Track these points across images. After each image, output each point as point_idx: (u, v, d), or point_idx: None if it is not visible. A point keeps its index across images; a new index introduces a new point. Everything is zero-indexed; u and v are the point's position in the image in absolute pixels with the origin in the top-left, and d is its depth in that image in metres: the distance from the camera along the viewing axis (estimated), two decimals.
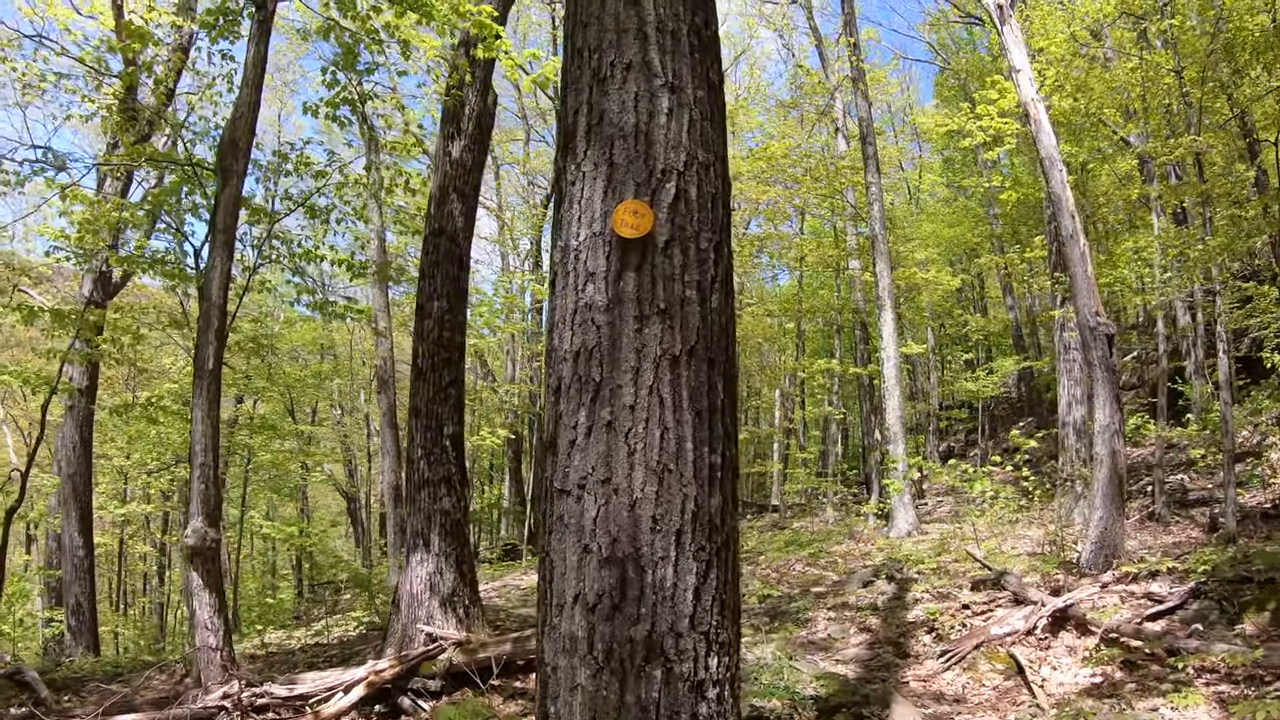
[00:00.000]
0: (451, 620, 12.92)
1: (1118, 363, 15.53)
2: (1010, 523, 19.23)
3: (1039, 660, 11.26)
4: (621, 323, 4.33)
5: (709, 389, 4.37)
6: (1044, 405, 31.39)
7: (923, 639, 13.02)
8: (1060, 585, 13.53)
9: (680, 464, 4.22)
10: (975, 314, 37.42)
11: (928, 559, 16.82)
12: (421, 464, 13.32)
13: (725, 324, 4.53)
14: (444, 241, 13.90)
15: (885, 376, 23.14)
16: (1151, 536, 16.65)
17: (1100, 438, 14.68)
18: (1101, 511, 14.30)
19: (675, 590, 4.15)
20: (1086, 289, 15.10)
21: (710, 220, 4.54)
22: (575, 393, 4.38)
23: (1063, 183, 15.69)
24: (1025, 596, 12.84)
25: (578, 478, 4.29)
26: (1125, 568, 13.16)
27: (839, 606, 15.39)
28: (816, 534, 24.42)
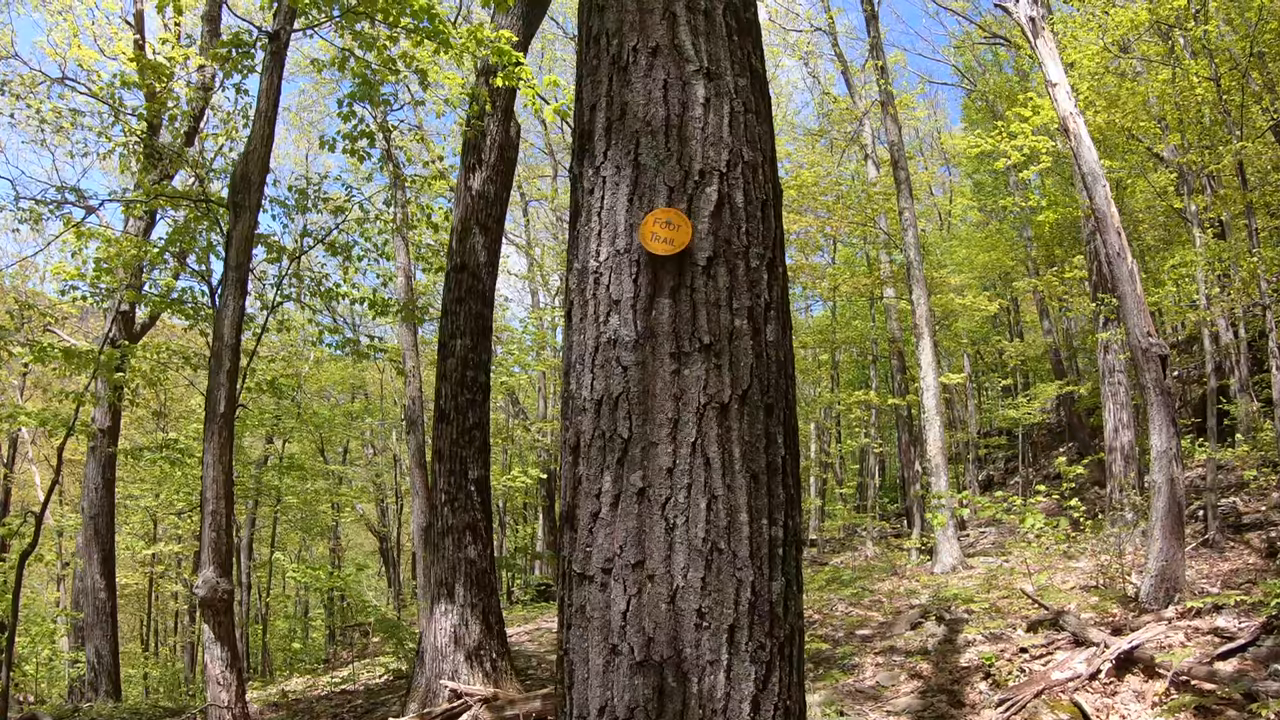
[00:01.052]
0: (478, 674, 12.26)
1: (1173, 385, 14.72)
2: (1059, 554, 18.39)
3: (1106, 708, 10.47)
4: (655, 362, 3.54)
5: (767, 444, 3.56)
6: (1085, 430, 30.51)
7: (978, 686, 12.23)
8: (1120, 623, 12.73)
9: (733, 541, 3.41)
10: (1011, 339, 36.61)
11: (977, 597, 16.04)
12: (445, 510, 12.67)
13: (784, 361, 3.74)
14: (466, 277, 13.27)
15: (925, 406, 22.36)
16: (1207, 564, 15.84)
17: (1157, 464, 13.88)
18: (1161, 543, 13.48)
19: (728, 702, 3.32)
20: (1137, 309, 14.33)
21: (761, 232, 3.74)
22: (598, 452, 3.58)
23: (1107, 198, 14.95)
24: (1086, 637, 12.03)
25: (602, 560, 3.49)
26: (1189, 603, 12.37)
27: (886, 651, 14.60)
28: (857, 570, 23.64)
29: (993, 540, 25.06)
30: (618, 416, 3.52)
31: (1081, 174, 15.75)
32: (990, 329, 37.01)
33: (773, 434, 3.58)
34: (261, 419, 27.21)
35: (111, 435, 19.51)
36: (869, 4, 26.99)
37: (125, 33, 19.82)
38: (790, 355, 3.84)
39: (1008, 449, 35.94)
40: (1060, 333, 35.26)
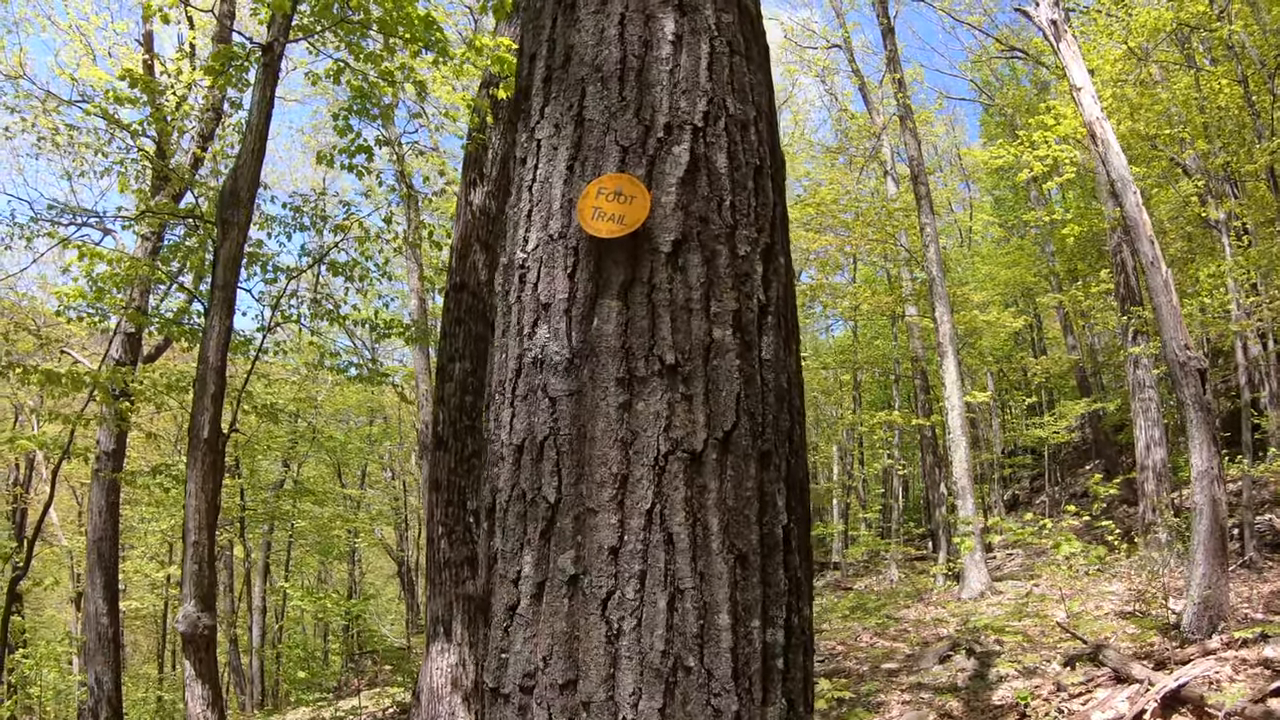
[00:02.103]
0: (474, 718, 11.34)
1: (1213, 401, 13.75)
2: (1091, 577, 17.43)
3: None
4: (596, 393, 2.53)
5: (762, 509, 2.50)
6: (1112, 448, 29.58)
7: None
8: (1162, 655, 11.74)
9: (708, 656, 2.35)
10: (1035, 356, 35.54)
11: (1008, 627, 15.09)
12: (442, 542, 11.78)
13: (786, 388, 2.69)
14: (466, 296, 12.38)
15: (950, 426, 21.40)
16: (1246, 586, 14.94)
17: (1198, 484, 12.89)
18: (1204, 568, 12.49)
19: None
20: (1173, 321, 13.38)
21: (753, 207, 2.71)
22: (516, 520, 2.58)
23: (1138, 205, 14.04)
24: (1128, 674, 11.06)
25: (520, 675, 2.46)
26: (1236, 633, 11.36)
27: (914, 688, 13.64)
28: (882, 596, 22.71)
29: (1020, 563, 24.06)
30: (542, 470, 2.53)
31: (1110, 180, 14.87)
32: (1014, 346, 35.96)
33: (770, 494, 2.53)
34: (273, 443, 26.41)
35: (116, 459, 18.78)
36: (885, 18, 26.22)
37: (137, 52, 19.20)
38: (797, 380, 2.78)
39: (1033, 468, 35.00)
40: (1085, 349, 34.29)
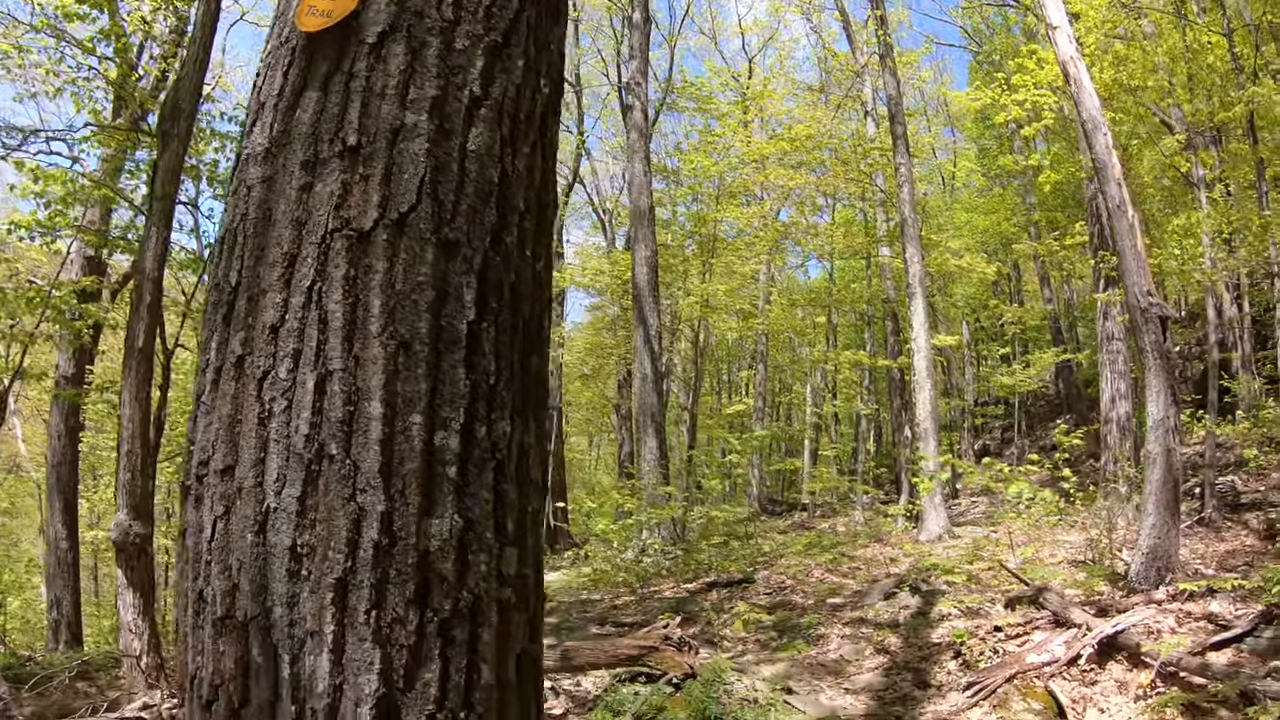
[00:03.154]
0: None
1: (1173, 349, 13.27)
2: (1049, 526, 17.01)
3: (1083, 700, 9.08)
4: (283, 177, 2.30)
5: (439, 299, 2.22)
6: (1083, 401, 29.14)
7: (947, 665, 10.86)
8: (1106, 603, 11.31)
9: (355, 446, 2.11)
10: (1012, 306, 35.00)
11: (958, 568, 14.65)
12: None
13: (497, 183, 2.36)
14: None
15: (916, 368, 20.93)
16: (1203, 544, 14.50)
17: (1153, 434, 12.42)
18: (1154, 518, 12.05)
19: (335, 702, 2.05)
20: (1136, 265, 12.87)
21: (483, 5, 2.39)
22: (211, 309, 2.39)
23: (1108, 147, 13.48)
24: (1068, 618, 10.62)
25: (197, 463, 2.29)
26: (1182, 584, 10.94)
27: (856, 622, 13.23)
28: (842, 536, 22.27)
29: (983, 510, 23.70)
30: (231, 256, 2.35)
31: (1081, 121, 14.32)
32: (990, 296, 35.40)
33: (454, 285, 2.25)
34: None
35: (75, 383, 18.30)
36: None
37: None
38: (527, 183, 2.46)
39: (1004, 419, 34.65)
40: (1061, 302, 33.82)
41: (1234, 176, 19.39)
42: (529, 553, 2.33)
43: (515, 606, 2.28)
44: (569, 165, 35.70)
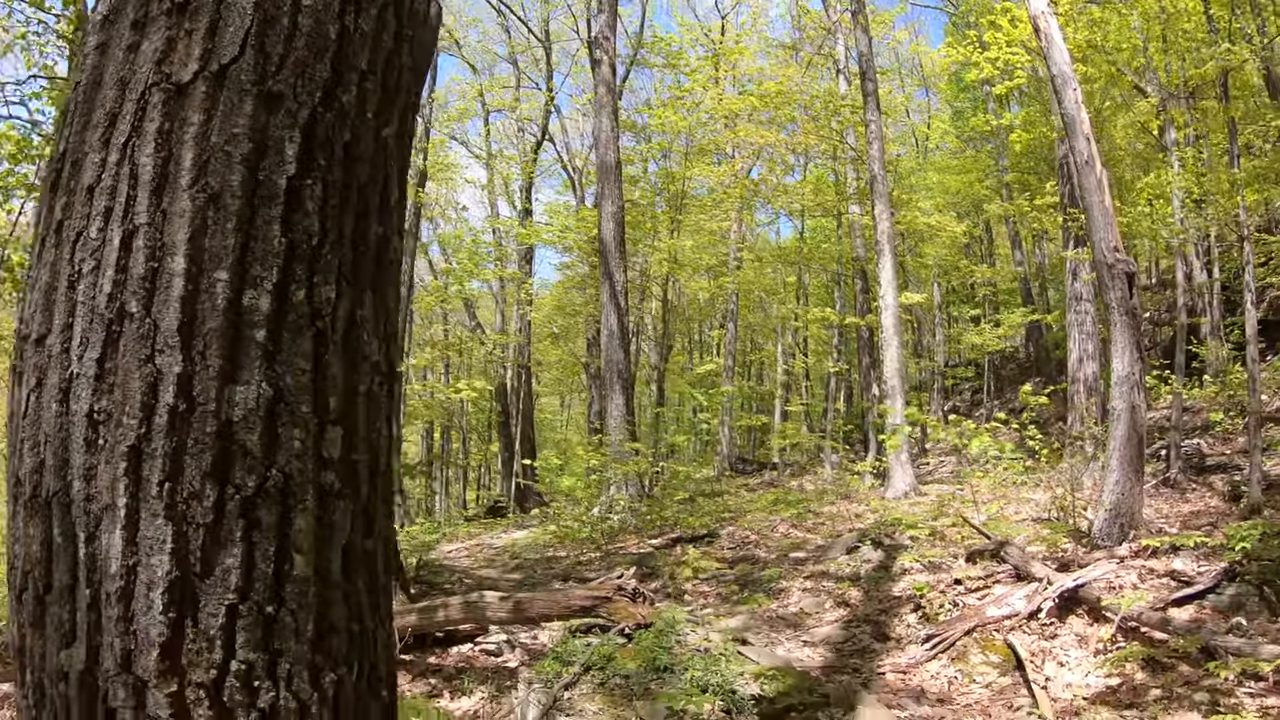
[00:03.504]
0: None
1: (1139, 305, 13.04)
2: (1015, 484, 16.84)
3: (1042, 653, 8.88)
4: (115, 41, 2.12)
5: (258, 150, 2.03)
6: (1053, 365, 28.96)
7: (907, 619, 10.67)
8: (1069, 559, 11.14)
9: (157, 304, 1.93)
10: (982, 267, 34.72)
11: (921, 523, 14.41)
12: None
13: (334, 39, 2.17)
14: None
15: (884, 326, 20.70)
16: (1167, 504, 14.34)
17: (1118, 390, 12.21)
18: (1117, 474, 11.85)
19: (129, 584, 1.88)
20: (1104, 221, 12.63)
21: None
22: (48, 191, 2.16)
23: (1077, 103, 13.22)
24: (1028, 572, 10.43)
25: (19, 338, 2.13)
26: (1145, 541, 10.74)
27: (817, 576, 13.04)
28: (809, 494, 22.07)
29: (951, 470, 23.52)
30: (64, 126, 2.18)
31: (1051, 77, 14.04)
32: (962, 257, 35.15)
33: (275, 139, 2.07)
34: None
35: None
36: None
37: None
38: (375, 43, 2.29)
39: (974, 381, 34.51)
40: (1032, 264, 33.57)
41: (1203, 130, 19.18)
42: (362, 438, 2.14)
43: (340, 494, 2.08)
44: (538, 123, 35.24)
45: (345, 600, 2.07)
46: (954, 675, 8.99)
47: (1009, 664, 8.87)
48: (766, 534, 16.65)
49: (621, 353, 21.34)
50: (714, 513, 19.44)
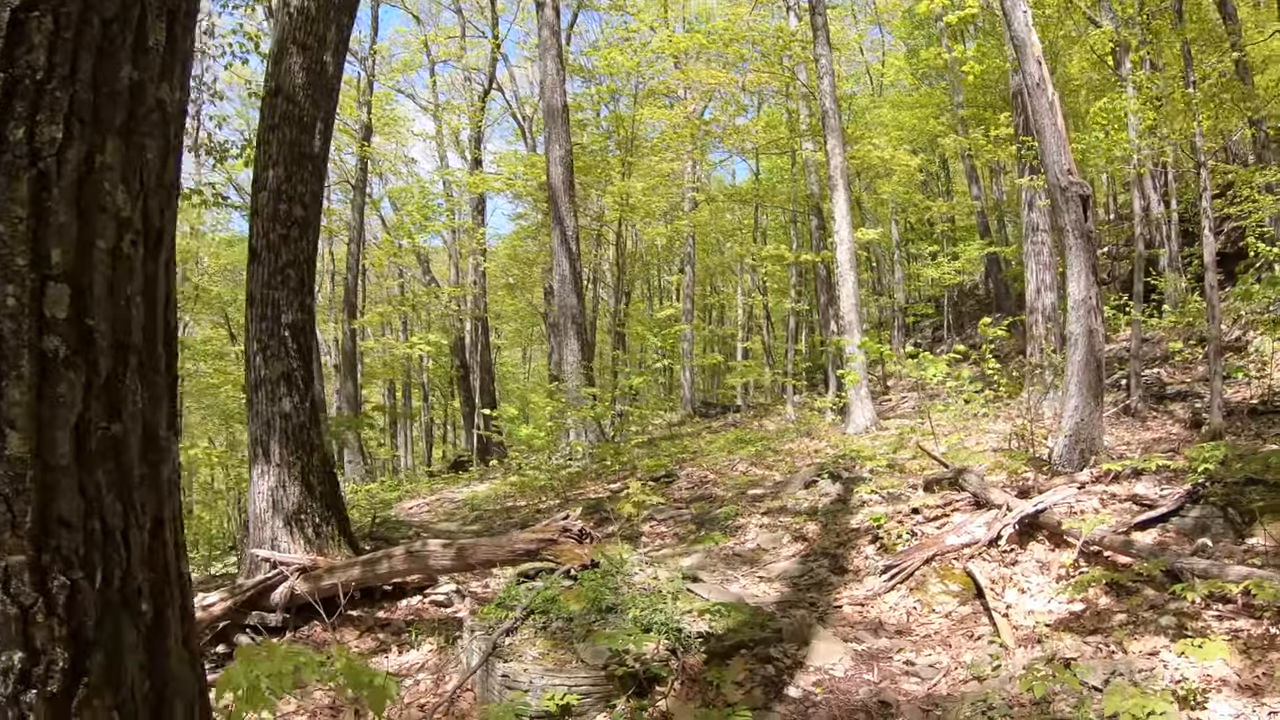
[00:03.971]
0: (298, 541, 10.29)
1: (1094, 229, 12.61)
2: (976, 417, 16.48)
3: (1003, 580, 8.49)
4: None
5: None
6: (1012, 299, 28.64)
7: (865, 550, 10.28)
8: (1029, 485, 10.72)
9: None
10: (939, 200, 34.19)
11: (880, 456, 14.01)
12: (257, 359, 10.52)
13: None
14: (281, 102, 10.89)
15: (839, 261, 20.21)
16: (1128, 432, 14.08)
17: (1074, 314, 11.79)
18: (1076, 399, 11.46)
19: None
20: (1057, 144, 12.18)
21: None
22: None
23: (1027, 25, 12.73)
24: (987, 499, 10.02)
25: None
26: (1106, 465, 10.37)
27: (775, 511, 12.64)
28: (770, 433, 21.70)
29: (913, 405, 23.12)
30: None
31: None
32: (918, 192, 34.61)
33: None
34: None
35: None
36: None
37: None
38: None
39: (935, 318, 34.15)
40: (989, 200, 33.11)
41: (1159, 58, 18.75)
42: (102, 302, 1.81)
43: (69, 364, 1.77)
44: (485, 72, 34.19)
45: (80, 492, 1.76)
46: (913, 606, 8.60)
47: (969, 592, 8.49)
48: (725, 473, 16.25)
49: (574, 298, 20.82)
50: (674, 454, 19.05)
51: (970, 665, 6.96)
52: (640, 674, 6.66)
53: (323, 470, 10.78)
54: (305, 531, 10.31)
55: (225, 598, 9.25)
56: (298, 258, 10.74)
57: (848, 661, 7.34)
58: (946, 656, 7.36)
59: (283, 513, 10.24)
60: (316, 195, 11.24)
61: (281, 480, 10.29)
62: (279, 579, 9.62)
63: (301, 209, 10.80)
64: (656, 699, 6.61)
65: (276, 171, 10.68)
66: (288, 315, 10.55)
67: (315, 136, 11.08)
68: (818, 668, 7.20)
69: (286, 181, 10.70)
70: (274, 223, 10.62)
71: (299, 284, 10.71)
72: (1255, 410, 13.54)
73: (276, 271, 10.55)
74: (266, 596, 9.50)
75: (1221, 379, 13.16)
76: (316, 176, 11.21)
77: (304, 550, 10.16)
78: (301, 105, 10.89)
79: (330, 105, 11.52)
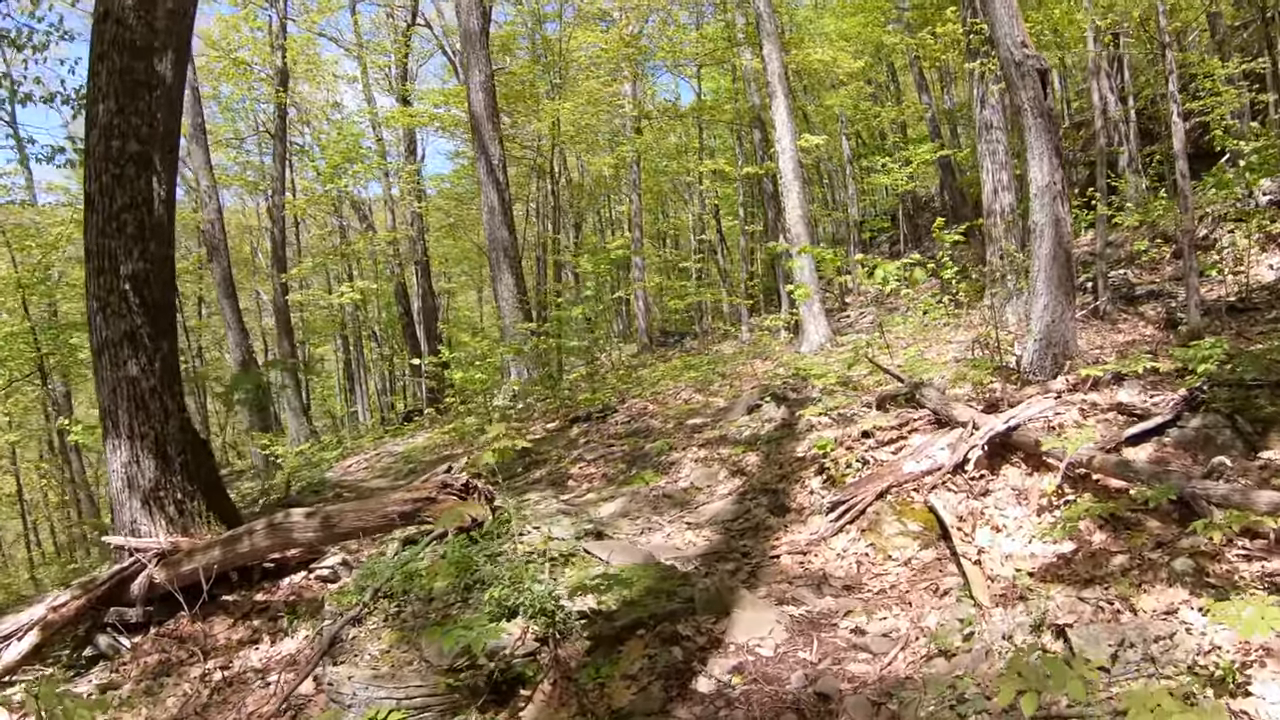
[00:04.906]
0: (160, 521, 8.57)
1: (1054, 108, 10.77)
2: (936, 327, 14.79)
3: (972, 516, 6.75)
4: None
5: None
6: (969, 208, 26.78)
7: (810, 484, 8.50)
8: (997, 398, 8.87)
9: None
10: (889, 105, 32.14)
11: (832, 374, 12.23)
12: (98, 319, 8.69)
13: None
14: (110, 26, 8.93)
15: (782, 172, 18.28)
16: (1099, 336, 12.34)
17: (1038, 202, 9.96)
18: (1045, 298, 9.67)
19: None
20: (1007, 15, 10.35)
21: None
22: None
23: None
24: (950, 415, 8.23)
25: None
26: (1085, 370, 8.56)
27: (712, 443, 10.88)
28: (723, 356, 19.83)
29: (871, 320, 21.28)
30: None
31: None
32: (869, 105, 32.53)
33: None
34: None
35: None
36: None
37: None
38: None
39: (890, 231, 32.33)
40: (941, 109, 31.15)
41: None
42: None
43: None
44: (407, 7, 31.70)
45: None
46: (864, 551, 6.88)
47: (932, 532, 6.77)
48: (667, 402, 14.50)
49: (505, 230, 18.84)
50: (617, 386, 17.28)
51: (935, 634, 5.25)
52: (497, 675, 4.88)
53: (182, 439, 8.91)
54: (166, 510, 8.55)
55: (78, 595, 7.78)
56: (135, 200, 8.82)
57: (780, 634, 5.60)
58: (905, 620, 5.64)
59: (139, 491, 8.47)
60: (168, 130, 9.30)
61: (135, 454, 8.50)
62: (136, 568, 8.06)
63: (138, 144, 8.87)
64: (519, 708, 4.84)
65: (107, 105, 8.77)
66: (127, 266, 8.67)
67: (158, 63, 9.12)
68: (740, 646, 5.46)
69: (119, 114, 8.78)
70: (106, 162, 8.72)
71: (138, 230, 8.80)
72: (1234, 308, 11.89)
73: (112, 218, 8.66)
74: (126, 589, 7.98)
75: (1197, 275, 11.50)
76: (166, 109, 9.27)
77: (166, 532, 8.43)
78: (133, 28, 8.94)
79: (179, 29, 9.53)
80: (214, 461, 9.66)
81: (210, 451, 9.69)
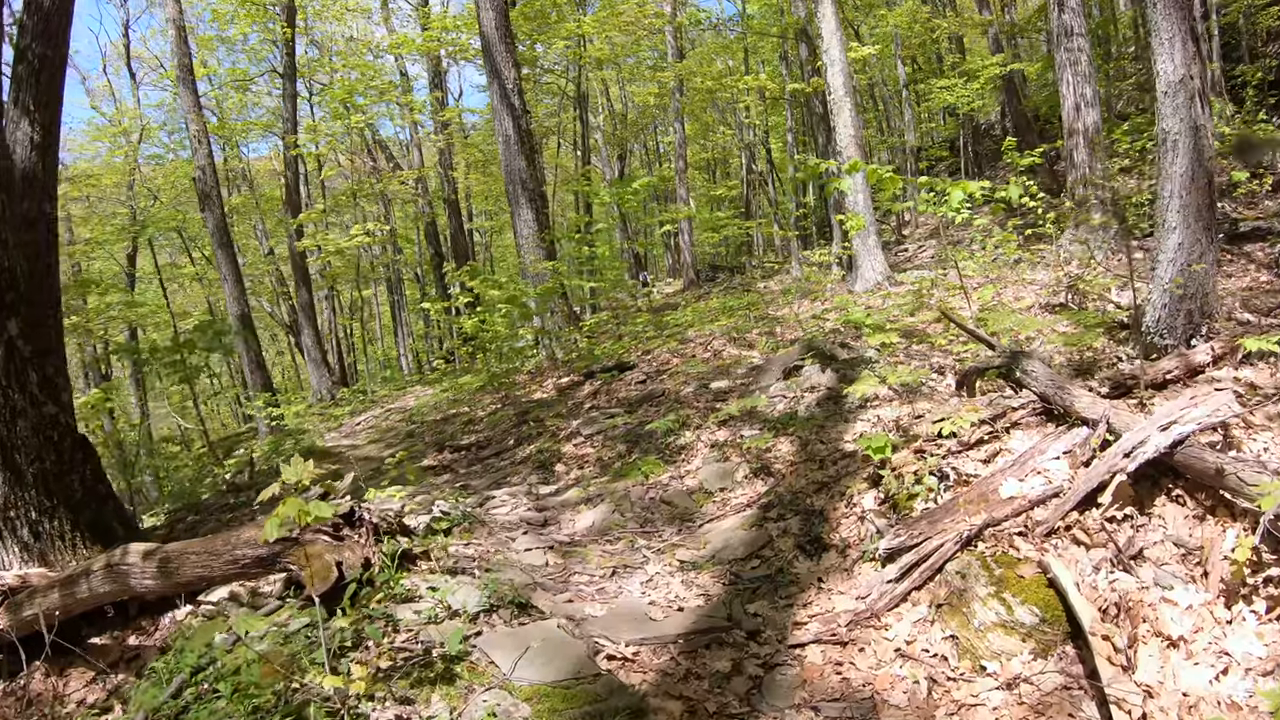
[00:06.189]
0: (14, 549, 6.11)
1: None
2: (1012, 265, 11.85)
3: (1126, 608, 3.82)
4: None
5: None
6: (1035, 134, 23.55)
7: (860, 501, 5.59)
8: (1124, 376, 5.80)
9: None
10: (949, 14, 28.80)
11: (891, 325, 9.34)
12: None
13: None
14: None
15: (831, 87, 15.19)
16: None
17: (1168, 104, 6.87)
18: (1180, 234, 6.66)
19: None
20: None
21: None
22: None
23: None
24: (1066, 404, 5.20)
25: None
26: (1247, 342, 5.54)
27: (736, 420, 7.96)
28: (771, 295, 16.90)
29: (932, 254, 18.20)
30: None
31: None
32: (926, 17, 29.08)
33: None
34: None
35: None
36: None
37: None
38: None
39: (950, 160, 29.11)
40: (1002, 25, 27.70)
41: None
42: None
43: None
44: None
45: None
46: (941, 653, 4.04)
47: (1054, 625, 3.91)
48: (694, 354, 11.66)
49: (522, 160, 15.89)
50: (641, 335, 14.56)
51: None
52: None
53: (36, 441, 6.18)
54: (19, 534, 5.97)
55: None
56: None
57: None
58: None
59: None
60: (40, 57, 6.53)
61: None
62: None
63: None
64: None
65: None
66: None
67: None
68: None
69: None
70: None
71: None
72: None
73: None
74: None
75: None
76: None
77: (20, 561, 5.89)
78: None
79: None
80: (97, 463, 6.93)
81: (92, 452, 6.97)
